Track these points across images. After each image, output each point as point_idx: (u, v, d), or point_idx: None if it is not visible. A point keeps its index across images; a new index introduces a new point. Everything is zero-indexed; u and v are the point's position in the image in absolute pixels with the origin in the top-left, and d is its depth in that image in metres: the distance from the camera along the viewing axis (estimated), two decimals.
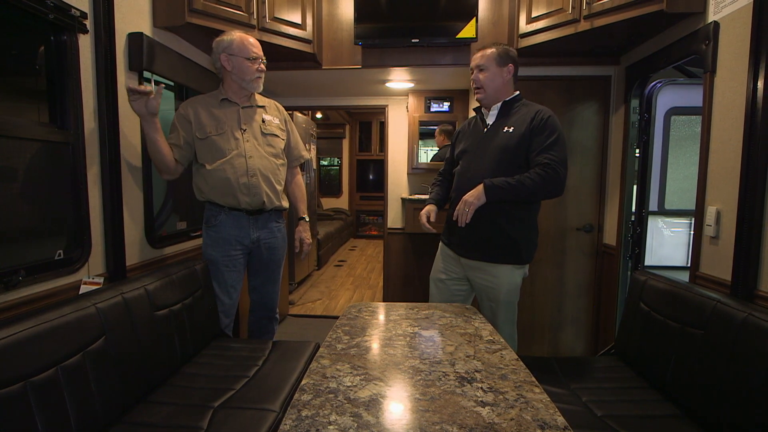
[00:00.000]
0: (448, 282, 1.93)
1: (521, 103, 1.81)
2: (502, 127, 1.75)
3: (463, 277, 1.89)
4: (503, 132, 1.74)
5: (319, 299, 4.35)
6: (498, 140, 1.74)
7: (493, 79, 1.76)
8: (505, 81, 1.78)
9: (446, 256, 1.94)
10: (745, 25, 1.47)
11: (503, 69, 1.77)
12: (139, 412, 1.33)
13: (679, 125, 2.91)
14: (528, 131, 1.68)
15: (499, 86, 1.78)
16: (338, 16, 2.66)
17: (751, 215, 1.41)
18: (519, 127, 1.71)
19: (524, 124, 1.70)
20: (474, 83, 1.80)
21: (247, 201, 1.85)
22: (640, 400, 1.46)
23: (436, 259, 2.00)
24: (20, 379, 1.00)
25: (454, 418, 0.83)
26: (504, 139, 1.73)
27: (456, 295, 1.93)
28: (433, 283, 1.99)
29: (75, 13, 1.45)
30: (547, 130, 1.67)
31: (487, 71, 1.76)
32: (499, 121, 1.79)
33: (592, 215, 2.68)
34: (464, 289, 1.92)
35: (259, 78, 1.86)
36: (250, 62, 1.81)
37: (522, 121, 1.72)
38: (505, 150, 1.71)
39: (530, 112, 1.72)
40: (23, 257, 1.38)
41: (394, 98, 3.66)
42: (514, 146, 1.70)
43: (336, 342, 1.21)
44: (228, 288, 1.93)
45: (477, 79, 1.78)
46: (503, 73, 1.77)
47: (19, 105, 1.49)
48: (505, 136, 1.73)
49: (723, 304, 1.32)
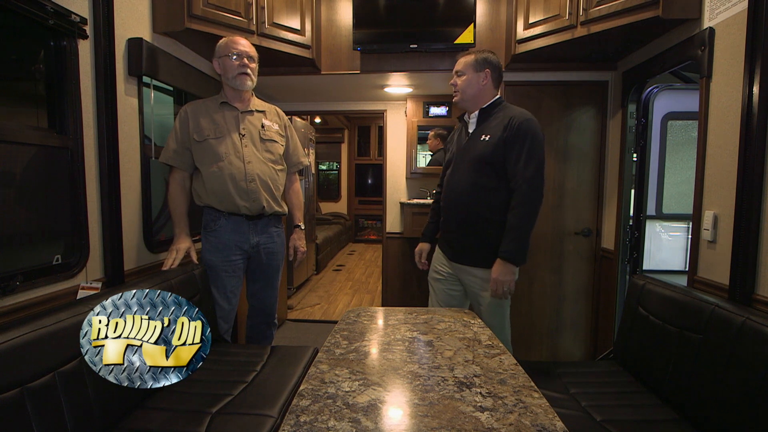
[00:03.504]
0: (444, 282, 1.97)
1: (500, 107, 1.82)
2: (480, 135, 1.79)
3: (457, 279, 1.92)
4: (481, 140, 1.77)
5: (317, 304, 4.34)
6: (476, 149, 1.78)
7: (469, 84, 1.80)
8: (482, 86, 1.81)
9: (440, 257, 1.99)
10: (740, 31, 1.48)
11: (480, 74, 1.80)
12: (136, 418, 1.32)
13: (676, 130, 2.93)
14: (501, 140, 1.70)
15: (475, 91, 1.81)
16: (337, 22, 2.68)
17: (748, 219, 1.42)
18: (495, 134, 1.73)
19: (499, 131, 1.73)
20: (452, 87, 1.87)
21: (246, 206, 1.85)
22: (639, 405, 1.46)
23: (433, 260, 2.04)
24: (17, 385, 1.00)
25: (453, 423, 0.83)
26: (481, 147, 1.76)
27: (451, 296, 1.97)
28: (431, 284, 2.04)
29: (75, 19, 1.46)
30: (520, 140, 1.68)
31: (463, 76, 1.81)
32: (479, 128, 1.83)
33: (590, 219, 2.68)
34: (459, 289, 1.95)
35: (243, 75, 1.82)
36: (231, 59, 1.80)
37: (498, 127, 1.75)
38: (481, 159, 1.74)
39: (505, 118, 1.74)
40: (21, 262, 1.37)
41: (393, 103, 3.67)
42: (490, 155, 1.72)
43: (334, 347, 1.21)
44: (227, 293, 1.92)
45: (455, 83, 1.84)
46: (479, 78, 1.80)
47: (18, 110, 1.49)
48: (482, 144, 1.76)
49: (721, 309, 1.32)
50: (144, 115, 1.87)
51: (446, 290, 1.96)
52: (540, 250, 2.72)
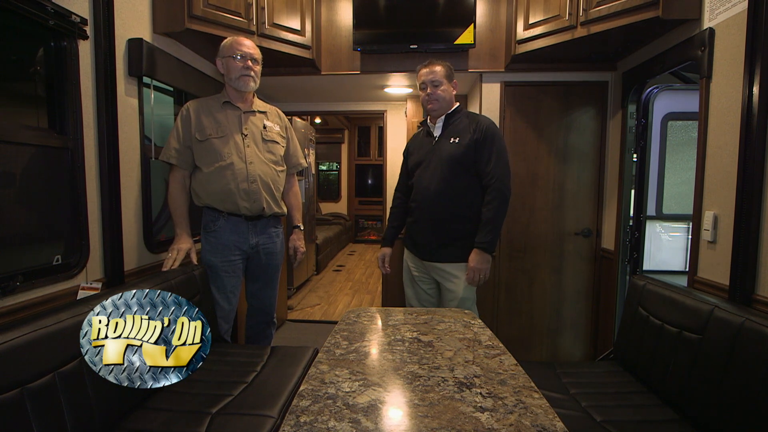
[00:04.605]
0: (422, 282, 2.06)
1: (462, 113, 1.98)
2: (449, 138, 1.92)
3: (431, 277, 2.03)
4: (450, 143, 1.91)
5: (317, 304, 4.34)
6: (447, 150, 1.90)
7: (446, 93, 1.94)
8: (452, 95, 1.97)
9: (412, 258, 2.07)
10: (739, 32, 1.49)
11: (451, 84, 1.96)
12: (136, 418, 1.32)
13: (676, 130, 2.93)
14: (472, 142, 1.87)
15: (449, 100, 1.96)
16: (337, 23, 2.68)
17: (748, 219, 1.42)
18: (464, 137, 1.89)
19: (468, 134, 1.89)
20: (430, 97, 1.94)
21: (247, 207, 1.85)
22: (640, 405, 1.46)
23: (404, 263, 2.14)
24: (17, 386, 1.00)
25: (453, 423, 0.83)
26: (452, 148, 1.89)
27: (429, 295, 2.07)
28: (410, 285, 2.12)
29: (75, 20, 1.46)
30: (489, 142, 1.87)
31: (441, 86, 1.92)
32: (445, 132, 1.95)
33: (590, 220, 2.68)
34: (434, 287, 2.06)
35: (246, 77, 1.82)
36: (235, 60, 1.80)
37: (465, 131, 1.90)
38: (454, 159, 1.88)
39: (471, 123, 1.92)
40: (21, 262, 1.37)
41: (393, 103, 3.67)
42: (462, 155, 1.88)
43: (335, 347, 1.21)
44: (227, 293, 1.92)
45: (434, 93, 1.92)
46: (450, 87, 1.96)
47: (18, 110, 1.49)
48: (453, 146, 1.90)
49: (721, 309, 1.32)
50: (144, 115, 1.87)
51: (425, 290, 2.06)
52: (540, 251, 2.72)
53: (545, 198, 2.70)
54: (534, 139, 2.68)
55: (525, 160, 2.69)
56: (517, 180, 2.65)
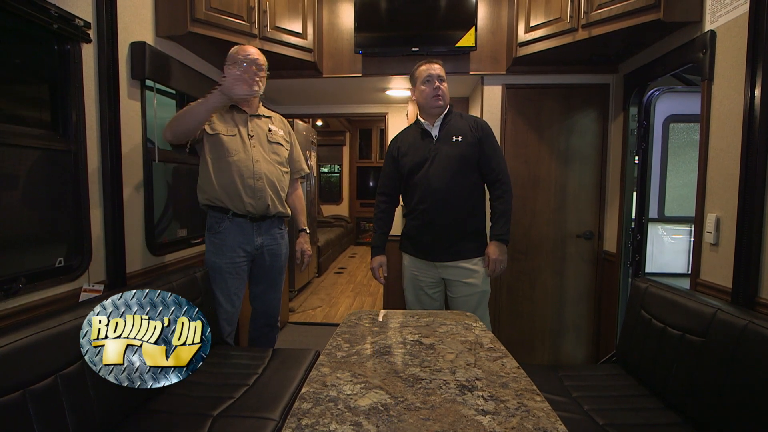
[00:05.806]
0: (425, 288, 2.02)
1: (455, 114, 1.99)
2: (450, 137, 1.92)
3: (439, 280, 2.00)
4: (454, 142, 1.91)
5: (319, 306, 4.34)
6: (452, 149, 1.90)
7: (447, 91, 1.94)
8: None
9: (417, 263, 2.00)
10: (741, 34, 1.49)
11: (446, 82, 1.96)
12: (137, 421, 1.32)
13: (678, 133, 2.92)
14: (476, 140, 1.90)
15: (449, 99, 1.96)
16: (339, 26, 2.69)
17: (750, 222, 1.42)
18: (465, 136, 1.91)
19: (468, 132, 1.91)
20: (438, 91, 1.90)
21: (252, 204, 1.85)
22: (642, 408, 1.45)
23: (404, 270, 2.06)
24: (19, 388, 1.00)
25: (455, 426, 0.82)
26: (458, 148, 1.90)
27: (432, 298, 2.04)
28: (408, 290, 2.06)
29: (78, 23, 1.47)
30: (489, 139, 1.93)
31: (444, 83, 1.93)
32: (444, 131, 1.94)
33: (592, 222, 2.68)
34: (439, 290, 2.04)
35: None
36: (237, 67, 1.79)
37: (465, 130, 1.92)
38: (464, 158, 1.89)
39: (469, 121, 1.94)
40: (24, 264, 1.38)
41: (394, 106, 3.68)
42: (470, 154, 1.90)
43: (336, 350, 1.21)
44: (231, 295, 1.93)
45: (442, 88, 1.91)
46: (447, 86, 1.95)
47: (21, 113, 1.50)
48: (459, 145, 1.90)
49: (724, 312, 1.32)
50: (147, 118, 1.88)
51: (430, 294, 2.03)
52: (542, 253, 2.72)
53: (547, 200, 2.70)
54: (535, 141, 2.68)
55: (526, 163, 2.69)
56: (519, 182, 2.65)
